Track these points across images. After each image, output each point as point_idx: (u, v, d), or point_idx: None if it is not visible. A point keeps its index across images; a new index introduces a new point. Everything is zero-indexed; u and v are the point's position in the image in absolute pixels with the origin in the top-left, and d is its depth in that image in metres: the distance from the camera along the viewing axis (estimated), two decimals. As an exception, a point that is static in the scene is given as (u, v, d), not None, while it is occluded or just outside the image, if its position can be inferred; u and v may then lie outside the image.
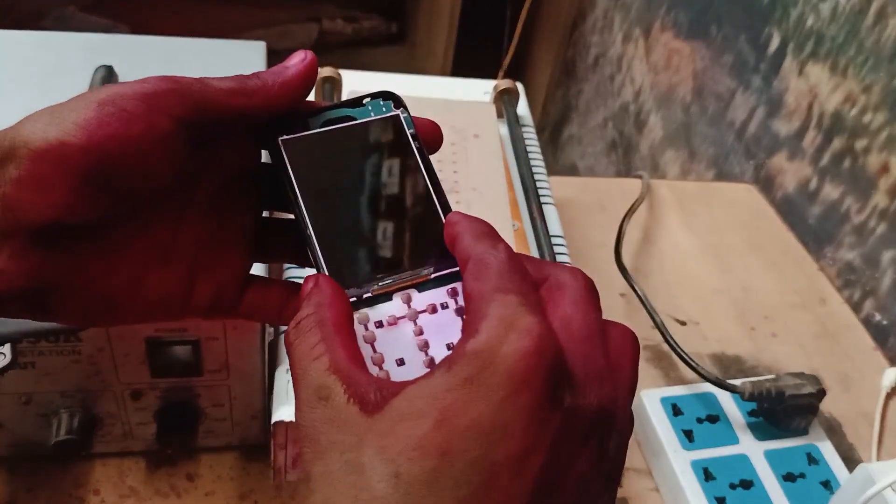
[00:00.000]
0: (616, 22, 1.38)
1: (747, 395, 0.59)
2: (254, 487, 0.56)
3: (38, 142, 0.26)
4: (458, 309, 0.30)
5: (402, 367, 0.29)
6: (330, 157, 0.32)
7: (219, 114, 0.29)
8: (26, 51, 0.70)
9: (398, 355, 0.29)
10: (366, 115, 0.33)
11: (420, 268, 0.30)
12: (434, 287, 0.30)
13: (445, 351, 0.29)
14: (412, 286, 0.30)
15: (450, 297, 0.30)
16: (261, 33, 1.71)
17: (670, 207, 0.88)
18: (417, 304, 0.30)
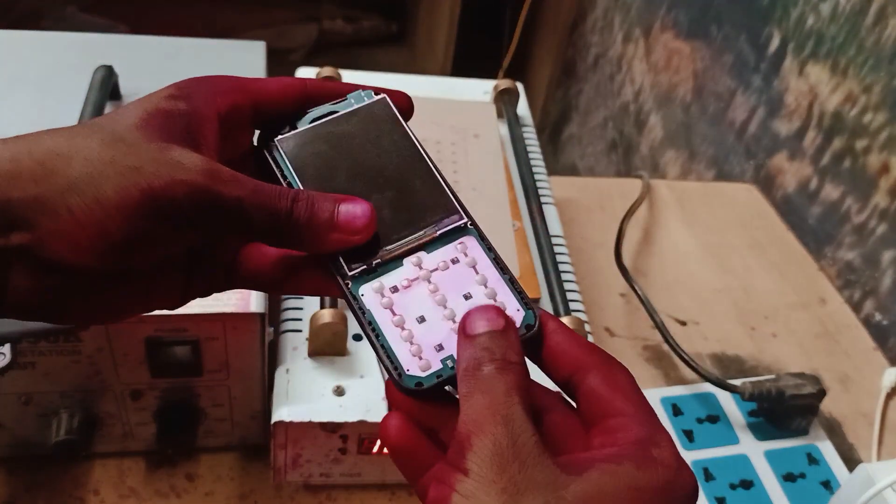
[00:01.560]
0: (616, 22, 1.38)
1: (747, 395, 0.59)
2: (254, 487, 0.56)
3: (80, 213, 0.26)
4: (469, 261, 0.31)
5: (424, 324, 0.29)
6: (325, 145, 0.32)
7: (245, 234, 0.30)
8: (26, 51, 0.70)
9: (418, 314, 0.30)
10: (349, 106, 0.33)
11: (425, 229, 0.31)
12: (442, 245, 0.31)
13: (463, 301, 0.30)
14: (420, 248, 0.31)
15: (459, 251, 0.31)
16: (261, 33, 1.71)
17: (670, 207, 0.88)
18: (428, 263, 0.30)
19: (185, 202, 0.27)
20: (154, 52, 0.72)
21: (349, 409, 0.49)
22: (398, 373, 0.29)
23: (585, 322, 0.55)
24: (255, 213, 0.28)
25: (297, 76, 0.35)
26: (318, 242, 0.29)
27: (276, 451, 0.51)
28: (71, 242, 0.27)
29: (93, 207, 0.26)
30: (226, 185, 0.28)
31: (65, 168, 0.27)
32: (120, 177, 0.27)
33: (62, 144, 0.28)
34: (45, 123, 0.67)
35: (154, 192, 0.27)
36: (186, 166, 0.28)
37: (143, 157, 0.28)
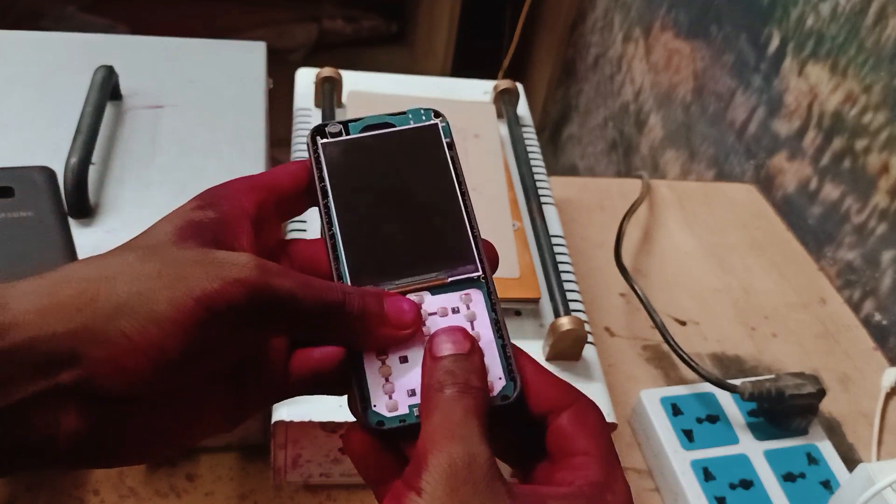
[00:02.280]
0: (616, 22, 1.38)
1: (747, 395, 0.59)
2: (254, 487, 0.56)
3: (136, 335, 0.25)
4: (468, 314, 0.30)
5: (405, 365, 0.29)
6: (365, 160, 0.32)
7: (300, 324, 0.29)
8: (26, 51, 0.70)
9: (403, 353, 0.29)
10: (405, 122, 0.33)
11: (438, 272, 0.31)
12: (448, 292, 0.30)
13: None
14: (426, 289, 0.30)
15: (462, 302, 0.30)
16: (261, 33, 1.71)
17: (670, 207, 0.88)
18: (429, 306, 0.30)
19: (243, 301, 0.26)
20: (154, 52, 0.72)
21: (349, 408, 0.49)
22: (364, 405, 0.29)
23: (585, 322, 0.55)
24: (309, 306, 0.28)
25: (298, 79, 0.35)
26: (368, 337, 0.29)
27: (276, 451, 0.51)
28: (126, 369, 0.25)
29: (148, 327, 0.25)
30: (278, 277, 0.27)
31: (108, 291, 0.25)
32: (170, 289, 0.26)
33: (98, 269, 0.26)
34: (45, 123, 0.68)
35: (210, 298, 0.26)
36: (236, 265, 0.27)
37: (190, 265, 0.26)
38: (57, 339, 0.24)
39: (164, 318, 0.25)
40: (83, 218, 0.56)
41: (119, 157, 0.61)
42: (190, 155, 0.62)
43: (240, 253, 0.28)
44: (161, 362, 0.25)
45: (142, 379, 0.25)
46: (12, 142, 0.61)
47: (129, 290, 0.25)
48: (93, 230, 0.55)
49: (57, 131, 0.60)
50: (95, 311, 0.25)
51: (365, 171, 0.32)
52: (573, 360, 0.54)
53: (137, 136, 0.64)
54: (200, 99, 0.68)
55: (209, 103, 0.68)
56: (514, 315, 0.57)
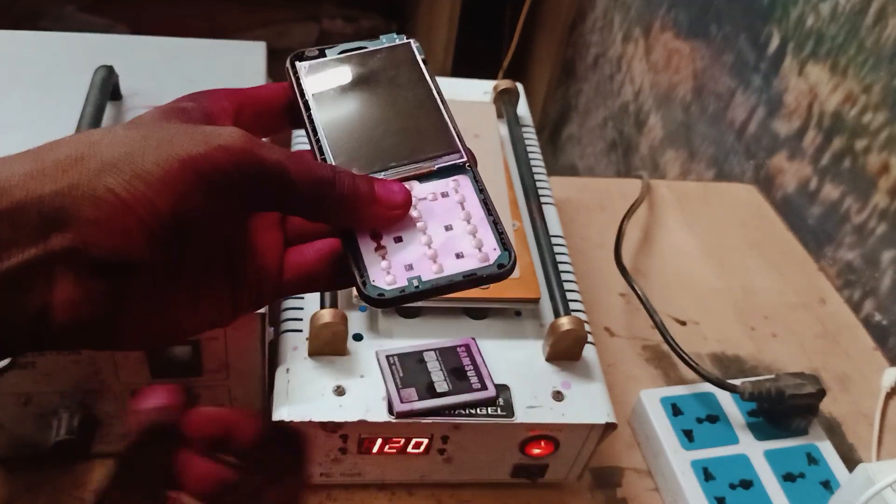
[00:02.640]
0: (616, 22, 1.38)
1: (747, 395, 0.59)
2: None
3: (125, 192, 0.25)
4: (458, 197, 0.32)
5: (400, 244, 0.30)
6: (344, 76, 0.34)
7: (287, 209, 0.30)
8: (26, 51, 0.70)
9: (397, 234, 0.31)
10: (379, 45, 0.35)
11: (424, 161, 0.32)
12: (436, 178, 0.32)
13: (443, 231, 0.31)
14: (415, 177, 0.32)
15: (451, 187, 0.32)
16: (261, 33, 1.71)
17: (670, 207, 0.88)
18: (419, 192, 0.31)
19: (229, 167, 0.26)
20: (154, 52, 0.72)
21: (349, 408, 0.50)
22: (363, 280, 0.29)
23: (585, 322, 0.55)
24: (299, 178, 0.28)
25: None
26: (359, 215, 0.29)
27: (276, 451, 0.51)
28: (119, 229, 0.25)
29: (135, 183, 0.25)
30: (266, 149, 0.27)
31: (94, 153, 0.25)
32: (156, 150, 0.26)
33: (83, 137, 0.26)
34: (45, 123, 0.68)
35: (196, 161, 0.26)
36: (223, 134, 0.27)
37: (176, 132, 0.27)
38: (44, 201, 0.24)
39: (150, 177, 0.25)
40: (83, 218, 0.56)
41: (119, 157, 0.61)
42: (190, 155, 0.62)
43: (228, 126, 0.28)
44: (151, 222, 0.25)
45: (134, 240, 0.25)
46: (12, 142, 0.61)
47: (114, 152, 0.25)
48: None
49: (57, 131, 0.60)
50: (81, 171, 0.25)
51: (345, 85, 0.33)
52: (573, 360, 0.54)
53: (137, 136, 0.64)
54: (200, 99, 0.68)
55: (209, 103, 0.68)
56: (515, 315, 0.57)
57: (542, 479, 0.56)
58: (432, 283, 0.30)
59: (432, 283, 0.30)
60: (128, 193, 0.25)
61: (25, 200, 0.24)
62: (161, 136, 0.26)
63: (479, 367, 0.52)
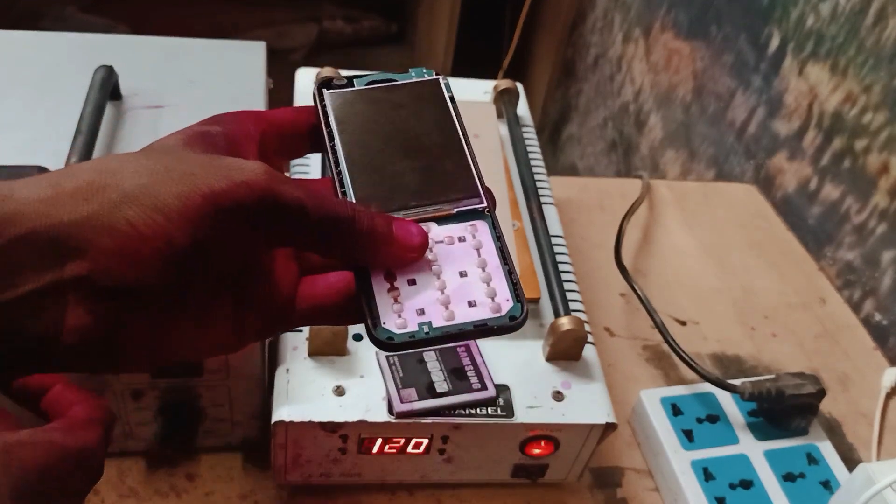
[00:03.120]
0: (616, 22, 1.38)
1: (747, 395, 0.59)
2: (254, 487, 0.56)
3: (143, 224, 0.25)
4: (475, 243, 0.31)
5: (413, 287, 0.30)
6: (370, 108, 0.33)
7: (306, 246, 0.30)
8: (26, 51, 0.70)
9: (411, 276, 0.30)
10: (408, 78, 0.35)
11: (443, 204, 0.32)
12: (454, 222, 0.32)
13: (457, 277, 0.30)
14: (433, 219, 0.31)
15: (468, 231, 0.31)
16: (261, 33, 1.71)
17: (670, 207, 0.88)
18: (436, 234, 0.31)
19: (249, 203, 0.26)
20: (154, 52, 0.72)
21: (349, 408, 0.50)
22: (374, 322, 0.29)
23: (585, 322, 0.55)
24: (318, 216, 0.28)
25: (298, 79, 0.36)
26: (375, 254, 0.29)
27: (276, 450, 0.51)
28: (134, 260, 0.25)
29: (154, 216, 0.25)
30: (287, 185, 0.27)
31: (115, 183, 0.25)
32: (178, 184, 0.26)
33: (104, 164, 0.26)
34: (46, 123, 0.68)
35: (216, 196, 0.26)
36: (245, 169, 0.27)
37: (198, 164, 0.27)
38: (62, 228, 0.24)
39: (170, 210, 0.25)
40: (83, 218, 0.56)
41: (119, 157, 0.61)
42: (190, 155, 0.62)
43: (250, 160, 0.28)
44: (167, 254, 0.25)
45: (148, 271, 0.25)
46: (12, 142, 0.61)
47: (135, 183, 0.25)
48: (93, 230, 0.55)
49: (57, 131, 0.60)
50: (101, 202, 0.25)
51: (370, 117, 0.33)
52: (573, 360, 0.54)
53: (137, 136, 0.64)
54: (201, 99, 0.68)
55: (209, 103, 0.68)
56: (514, 315, 0.57)
57: (542, 479, 0.56)
58: (442, 330, 0.29)
59: (442, 330, 0.29)
60: (146, 227, 0.25)
61: (42, 227, 0.24)
62: (183, 169, 0.26)
63: (479, 367, 0.52)
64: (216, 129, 0.30)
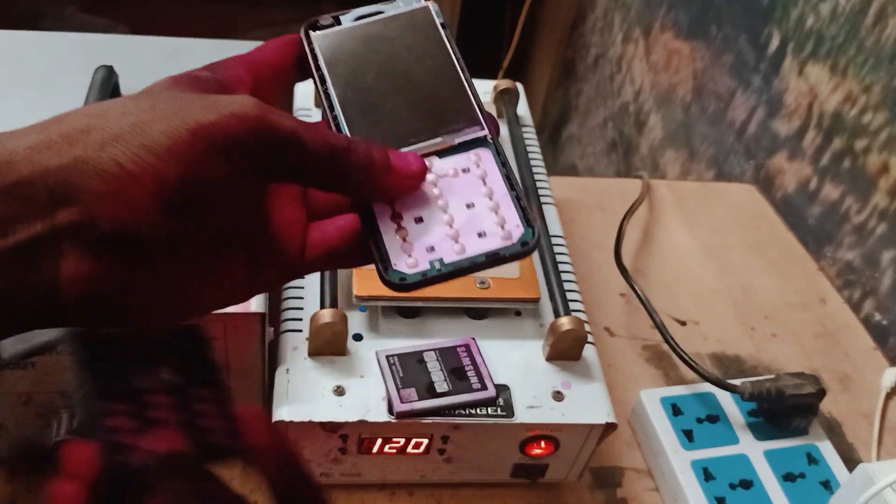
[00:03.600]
0: (616, 22, 1.38)
1: (747, 395, 0.59)
2: (254, 488, 0.56)
3: (130, 162, 0.24)
4: (479, 172, 0.31)
5: (421, 225, 0.30)
6: (360, 45, 0.32)
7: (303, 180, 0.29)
8: (26, 51, 0.70)
9: (418, 214, 0.30)
10: (395, 9, 0.33)
11: (444, 136, 0.31)
12: (457, 153, 0.31)
13: (465, 209, 0.30)
14: (435, 153, 0.31)
15: (472, 161, 0.31)
16: (261, 33, 1.71)
17: (670, 207, 0.88)
18: (439, 168, 0.31)
19: (242, 135, 0.26)
20: (154, 52, 0.72)
21: (349, 408, 0.50)
22: (384, 266, 0.29)
23: (585, 322, 0.55)
24: (313, 146, 0.27)
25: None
26: (375, 184, 0.29)
27: (277, 450, 0.51)
28: (126, 201, 0.24)
29: (142, 154, 0.24)
30: (280, 116, 0.27)
31: (101, 124, 0.25)
32: (164, 120, 0.25)
33: (91, 109, 0.26)
34: (46, 123, 0.67)
35: (206, 129, 0.25)
36: (235, 102, 0.26)
37: (186, 101, 0.26)
38: (49, 175, 0.24)
39: (158, 147, 0.24)
40: (83, 218, 0.56)
41: (119, 157, 0.61)
42: (190, 155, 0.62)
43: (241, 94, 0.27)
44: (161, 194, 0.24)
45: (142, 212, 0.24)
46: (12, 142, 0.61)
47: (121, 123, 0.25)
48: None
49: (57, 131, 0.60)
50: (87, 144, 0.24)
51: (361, 54, 0.32)
52: (573, 360, 0.54)
53: (137, 136, 0.64)
54: (200, 99, 0.68)
55: (209, 103, 0.68)
56: (515, 315, 0.57)
57: (542, 479, 0.56)
58: (454, 264, 0.29)
59: (454, 264, 0.29)
60: (134, 165, 0.24)
61: (31, 175, 0.24)
62: (170, 106, 0.26)
63: (479, 367, 0.52)
64: (206, 73, 0.29)
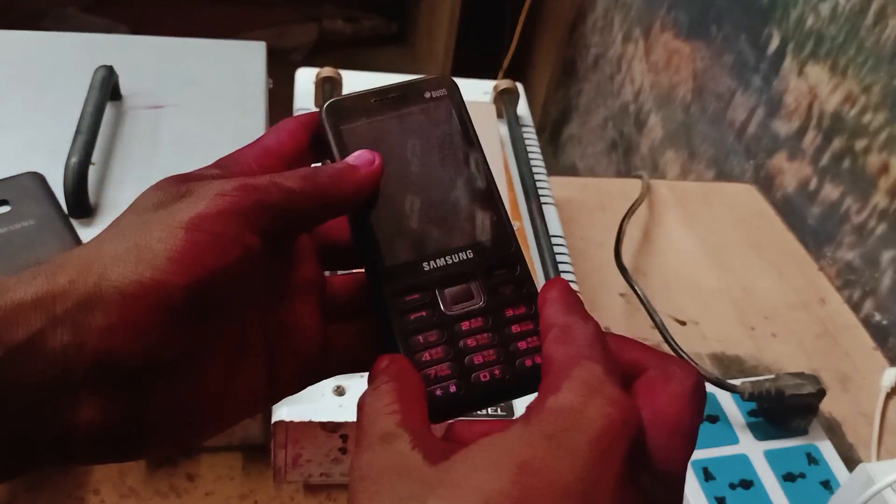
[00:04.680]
0: (616, 22, 1.38)
1: (747, 395, 0.59)
2: (254, 487, 0.56)
3: (130, 285, 0.23)
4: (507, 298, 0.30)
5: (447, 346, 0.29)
6: (382, 139, 0.31)
7: (298, 219, 0.28)
8: (26, 51, 0.70)
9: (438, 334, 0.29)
10: (415, 99, 0.31)
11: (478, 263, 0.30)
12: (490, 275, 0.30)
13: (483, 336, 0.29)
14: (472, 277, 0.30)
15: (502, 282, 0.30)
16: (261, 33, 1.71)
17: (670, 207, 0.88)
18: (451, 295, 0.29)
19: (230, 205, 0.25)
20: (154, 52, 0.72)
21: (349, 408, 0.50)
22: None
23: (585, 322, 0.55)
24: (298, 185, 0.27)
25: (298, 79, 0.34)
26: (349, 186, 0.28)
27: (277, 450, 0.51)
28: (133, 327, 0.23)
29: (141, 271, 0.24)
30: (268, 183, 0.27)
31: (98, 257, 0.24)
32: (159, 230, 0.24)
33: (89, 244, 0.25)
34: (46, 123, 0.68)
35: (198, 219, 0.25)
36: (214, 185, 0.26)
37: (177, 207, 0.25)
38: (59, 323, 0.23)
39: (157, 259, 0.24)
40: (83, 218, 0.56)
41: (119, 157, 0.61)
42: (190, 155, 0.62)
43: (216, 181, 0.27)
44: (168, 307, 0.24)
45: (151, 335, 0.24)
46: (12, 142, 0.61)
47: (117, 249, 0.24)
48: (93, 230, 0.56)
49: (57, 131, 0.60)
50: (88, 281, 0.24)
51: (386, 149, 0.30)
52: (573, 360, 0.54)
53: (137, 136, 0.64)
54: (201, 99, 0.68)
55: (209, 103, 0.68)
56: (514, 315, 0.57)
57: (541, 478, 0.56)
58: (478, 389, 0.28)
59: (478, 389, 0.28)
60: (136, 286, 0.23)
61: (43, 328, 0.23)
62: (163, 216, 0.25)
63: (479, 366, 0.52)
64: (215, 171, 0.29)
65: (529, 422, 0.23)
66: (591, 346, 0.26)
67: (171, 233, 0.24)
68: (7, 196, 0.51)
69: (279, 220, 0.27)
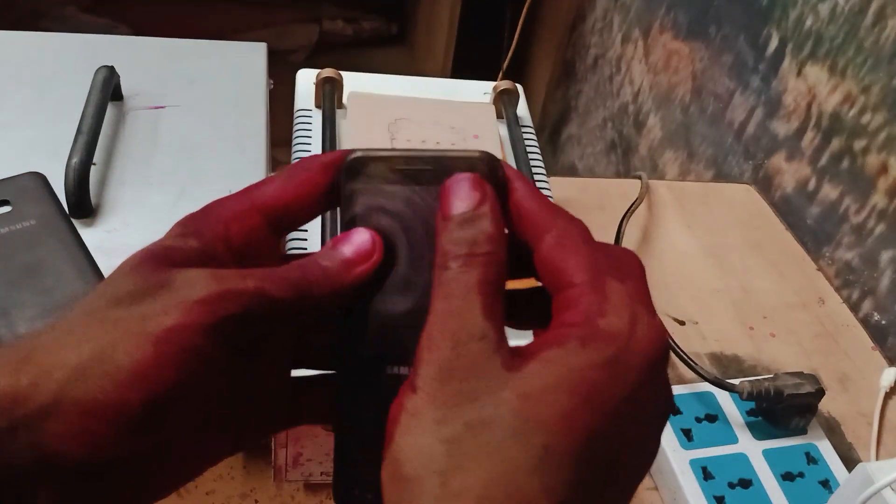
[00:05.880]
0: (615, 22, 1.38)
1: (746, 394, 0.59)
2: (254, 487, 0.56)
3: (90, 402, 0.23)
4: None
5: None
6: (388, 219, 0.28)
7: (279, 326, 0.27)
8: (26, 51, 0.70)
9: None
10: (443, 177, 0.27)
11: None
12: None
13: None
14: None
15: None
16: (261, 33, 1.71)
17: (670, 207, 0.88)
18: None
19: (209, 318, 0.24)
20: (155, 52, 0.73)
21: (349, 408, 0.50)
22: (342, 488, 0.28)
23: (585, 322, 0.55)
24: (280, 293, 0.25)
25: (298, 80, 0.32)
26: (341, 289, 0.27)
27: (277, 450, 0.51)
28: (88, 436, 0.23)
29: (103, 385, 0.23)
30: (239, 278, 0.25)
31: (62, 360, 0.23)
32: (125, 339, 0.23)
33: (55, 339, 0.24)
34: (46, 124, 0.68)
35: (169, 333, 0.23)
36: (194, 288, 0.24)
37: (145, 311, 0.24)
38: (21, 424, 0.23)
39: (121, 372, 0.23)
40: (84, 218, 0.56)
41: (120, 157, 0.62)
42: (191, 155, 0.63)
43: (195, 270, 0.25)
44: (121, 422, 0.23)
45: (106, 446, 0.23)
46: (13, 142, 0.61)
47: (81, 354, 0.23)
48: (94, 230, 0.56)
49: (58, 132, 0.60)
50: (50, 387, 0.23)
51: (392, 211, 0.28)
52: (573, 359, 0.54)
53: (138, 136, 0.64)
54: (201, 99, 0.68)
55: (210, 104, 0.68)
56: (514, 315, 0.57)
57: (541, 478, 0.56)
58: None
59: None
60: (95, 400, 0.23)
61: (9, 426, 0.23)
62: (132, 322, 0.24)
63: (479, 366, 0.52)
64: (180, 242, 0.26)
65: (587, 344, 0.24)
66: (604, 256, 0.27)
67: (139, 346, 0.23)
68: (8, 196, 0.51)
69: (258, 329, 0.26)
